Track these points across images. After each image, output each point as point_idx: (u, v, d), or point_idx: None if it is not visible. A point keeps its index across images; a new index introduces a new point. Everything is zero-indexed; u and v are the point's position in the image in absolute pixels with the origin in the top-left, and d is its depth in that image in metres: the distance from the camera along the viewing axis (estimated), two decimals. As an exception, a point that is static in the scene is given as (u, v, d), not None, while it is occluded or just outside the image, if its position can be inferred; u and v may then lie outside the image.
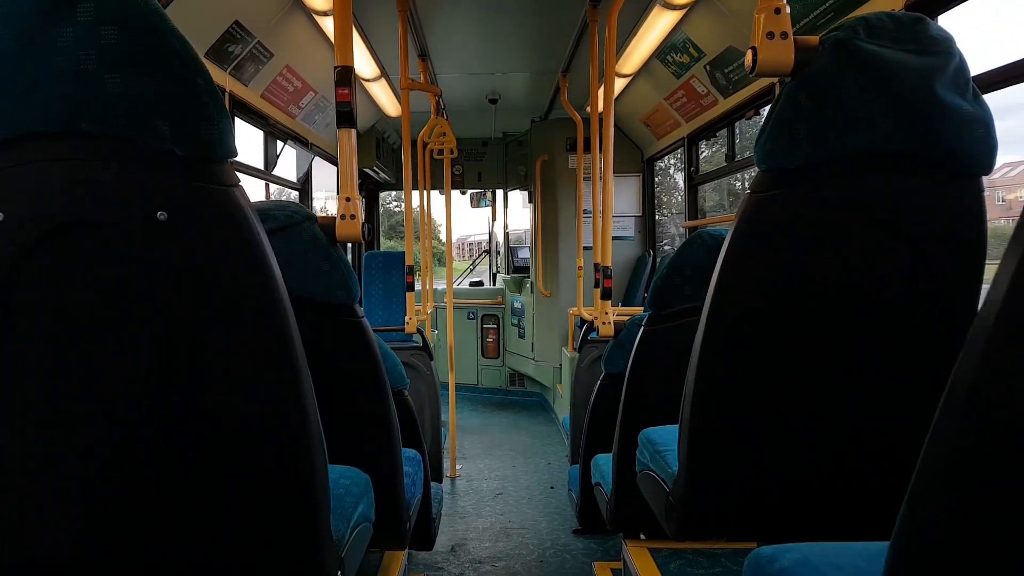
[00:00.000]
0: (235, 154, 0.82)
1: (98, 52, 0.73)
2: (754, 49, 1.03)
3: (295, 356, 0.89)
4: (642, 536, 2.18)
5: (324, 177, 4.84)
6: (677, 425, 1.27)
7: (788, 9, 1.05)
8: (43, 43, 0.73)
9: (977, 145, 1.02)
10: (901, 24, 1.01)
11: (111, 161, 0.77)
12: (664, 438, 1.54)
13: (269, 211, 1.39)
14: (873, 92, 0.99)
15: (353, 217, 1.57)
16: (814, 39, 1.01)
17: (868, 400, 1.13)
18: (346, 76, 1.68)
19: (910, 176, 1.03)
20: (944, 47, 1.00)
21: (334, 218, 1.51)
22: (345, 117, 1.69)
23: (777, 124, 1.02)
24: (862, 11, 2.20)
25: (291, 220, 1.40)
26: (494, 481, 4.01)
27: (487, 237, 8.43)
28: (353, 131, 1.72)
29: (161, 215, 0.78)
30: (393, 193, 6.83)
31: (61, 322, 0.82)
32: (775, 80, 2.77)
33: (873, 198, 1.04)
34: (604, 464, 2.18)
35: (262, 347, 0.87)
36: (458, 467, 4.24)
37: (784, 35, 1.02)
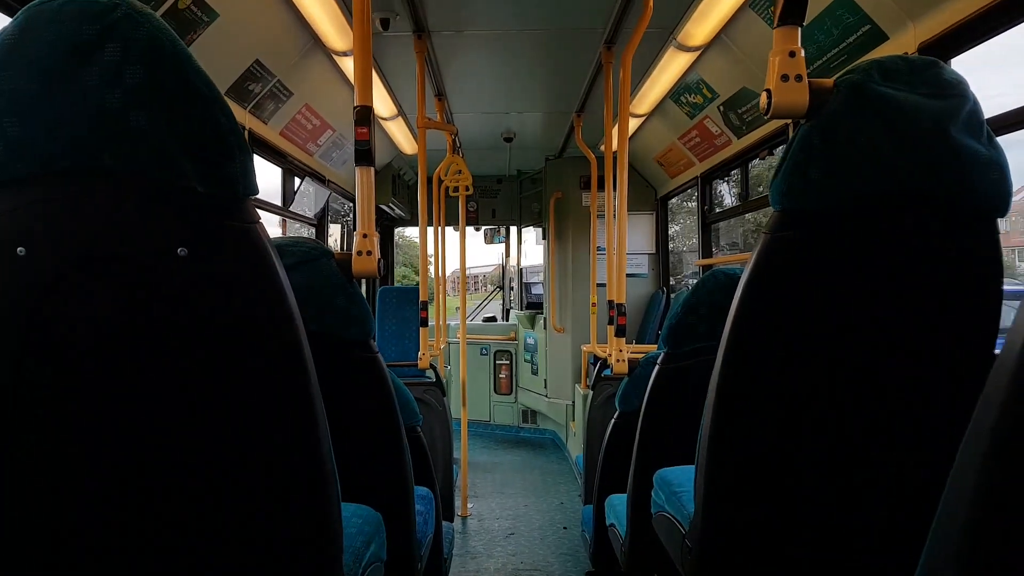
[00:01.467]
0: (256, 192, 0.84)
1: (123, 91, 0.74)
2: (769, 92, 1.05)
3: (312, 393, 0.89)
4: None
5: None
6: (693, 465, 1.25)
7: (803, 52, 1.06)
8: (69, 81, 0.74)
9: (992, 187, 1.01)
10: (915, 68, 1.02)
11: (133, 198, 0.78)
12: (680, 479, 1.51)
13: (287, 247, 1.41)
14: (887, 135, 1.00)
15: (370, 253, 1.59)
16: (828, 82, 1.02)
17: (894, 441, 1.11)
18: (365, 116, 1.72)
19: (925, 218, 1.03)
20: (958, 91, 1.01)
21: (351, 254, 1.52)
22: (363, 155, 1.71)
23: (791, 165, 1.03)
24: (875, 54, 2.22)
25: (308, 256, 1.41)
26: (506, 520, 3.94)
27: (492, 270, 8.45)
28: (371, 169, 1.74)
29: (182, 251, 0.79)
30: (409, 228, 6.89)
31: (80, 355, 0.83)
32: (788, 121, 2.79)
33: (888, 240, 1.03)
34: (619, 505, 2.14)
35: (280, 383, 0.87)
36: (469, 506, 4.18)
37: (799, 78, 1.03)
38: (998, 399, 0.45)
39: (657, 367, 1.87)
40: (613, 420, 2.38)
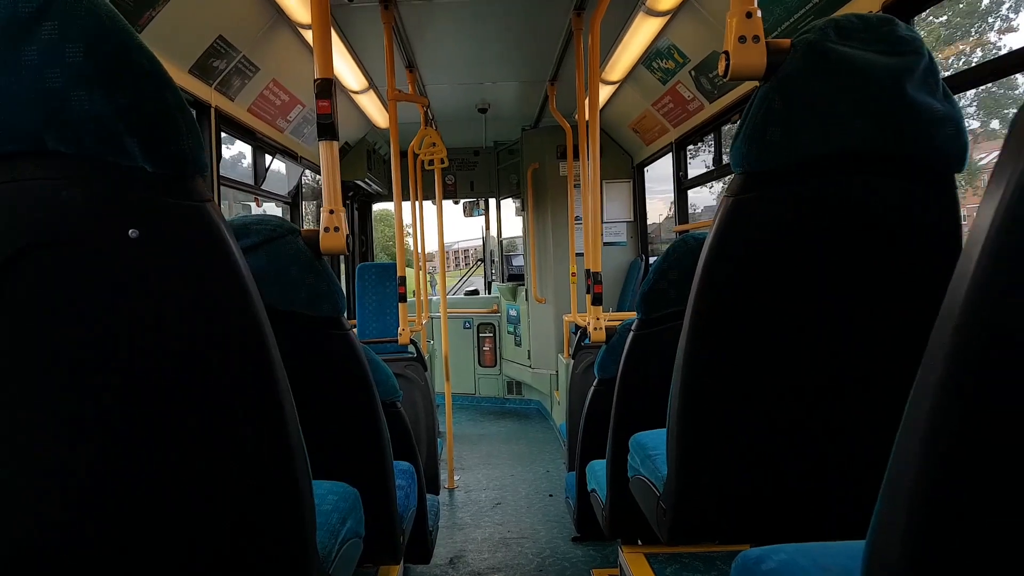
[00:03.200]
0: (207, 169, 0.82)
1: (64, 70, 0.72)
2: (727, 53, 1.04)
3: (274, 372, 0.88)
4: (639, 541, 2.17)
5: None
6: (666, 429, 1.27)
7: (759, 13, 1.06)
8: (7, 61, 0.72)
9: (949, 143, 1.02)
10: (870, 25, 1.02)
11: (80, 180, 0.76)
12: (654, 442, 1.54)
13: (251, 226, 1.39)
14: (844, 93, 1.00)
15: (337, 229, 1.57)
16: (785, 42, 1.02)
17: (853, 398, 1.13)
18: (326, 88, 1.69)
19: (883, 175, 1.04)
20: (913, 47, 1.01)
21: (318, 231, 1.51)
22: (326, 129, 1.69)
23: (751, 127, 1.03)
24: (842, 13, 2.22)
25: (273, 234, 1.40)
26: (492, 491, 4.00)
27: (477, 244, 8.44)
28: (335, 143, 1.72)
29: (132, 232, 0.78)
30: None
31: (33, 343, 0.82)
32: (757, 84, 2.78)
33: (847, 198, 1.04)
34: (599, 470, 2.18)
35: (239, 363, 0.86)
36: (456, 478, 4.23)
37: (756, 39, 1.03)
38: (941, 354, 0.47)
39: (631, 333, 1.89)
40: (592, 387, 2.41)
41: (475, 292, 7.90)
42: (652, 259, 5.37)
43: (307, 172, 4.49)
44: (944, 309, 0.47)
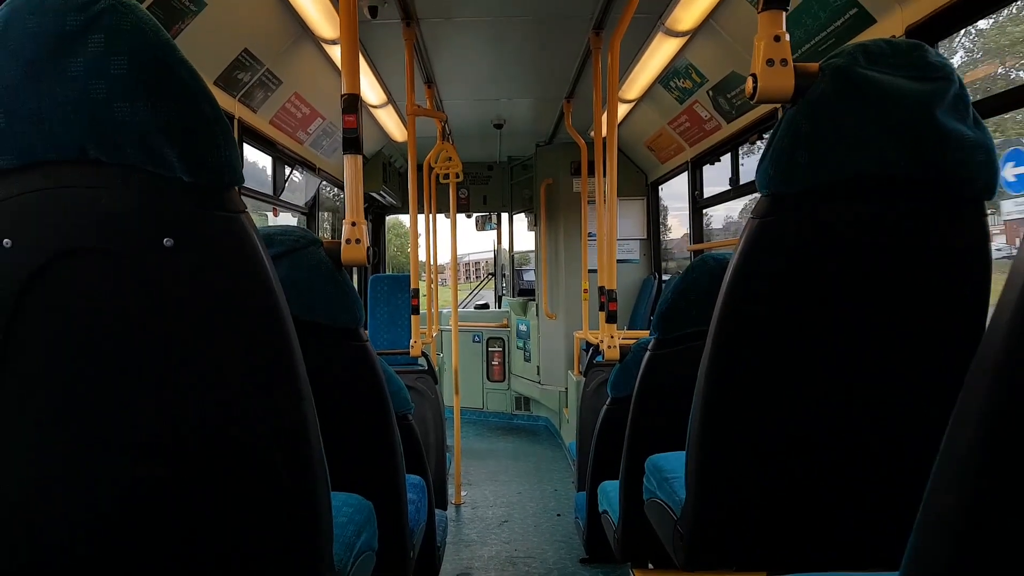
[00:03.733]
0: (242, 181, 0.83)
1: (107, 82, 0.74)
2: (754, 76, 1.04)
3: (299, 382, 0.89)
4: (650, 566, 2.14)
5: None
6: (684, 451, 1.26)
7: (788, 37, 1.06)
8: (53, 73, 0.74)
9: (979, 170, 1.02)
10: (899, 51, 1.02)
11: (118, 188, 0.77)
12: (672, 465, 1.52)
13: (275, 236, 1.40)
14: (873, 118, 1.00)
15: (359, 241, 1.58)
16: (814, 66, 1.02)
17: (881, 424, 1.12)
18: (352, 104, 1.71)
19: (912, 200, 1.03)
20: (943, 73, 1.01)
21: (339, 242, 1.52)
22: (351, 143, 1.70)
23: (778, 150, 1.03)
24: (863, 37, 2.22)
25: (297, 244, 1.41)
26: (500, 508, 3.96)
27: (488, 256, 8.44)
28: (359, 157, 1.73)
29: (168, 241, 0.79)
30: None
31: (66, 348, 0.82)
32: (777, 106, 2.79)
33: (874, 222, 1.04)
34: (611, 491, 2.16)
35: (266, 373, 0.87)
36: (463, 493, 4.20)
37: (784, 62, 1.03)
38: (984, 383, 0.46)
39: (648, 353, 1.88)
40: (605, 406, 2.39)
41: (485, 306, 7.90)
42: (666, 277, 5.36)
43: (323, 183, 4.53)
44: (989, 334, 0.46)
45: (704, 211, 4.47)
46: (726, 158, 3.92)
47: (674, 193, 5.32)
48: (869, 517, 1.16)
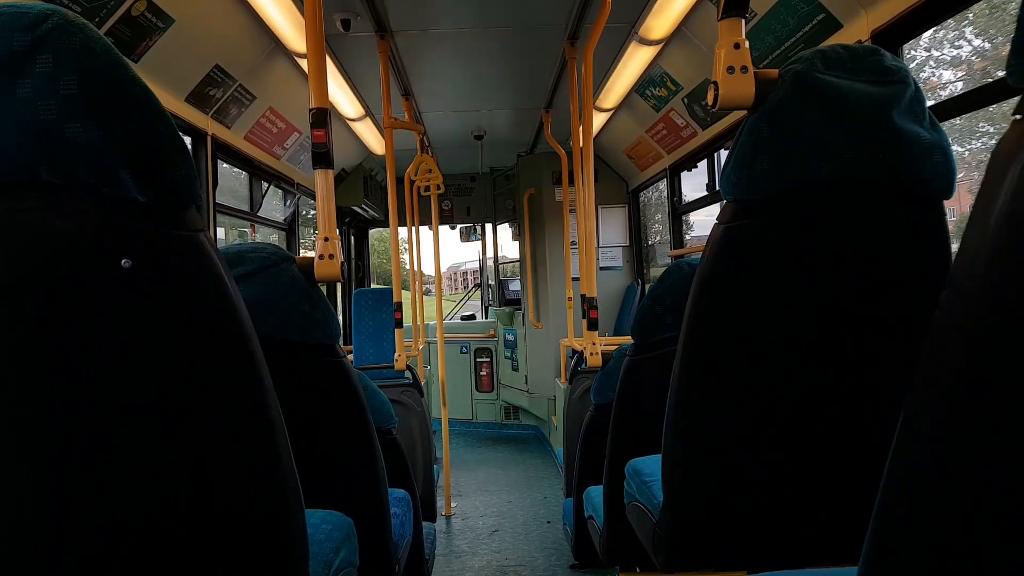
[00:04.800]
0: (200, 200, 0.83)
1: (58, 102, 0.72)
2: (715, 84, 1.06)
3: (267, 402, 0.88)
4: (637, 569, 2.14)
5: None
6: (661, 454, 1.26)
7: (747, 44, 1.08)
8: (2, 95, 0.72)
9: (936, 171, 1.04)
10: (856, 56, 1.04)
11: (72, 211, 0.76)
12: (650, 468, 1.52)
13: (246, 253, 1.39)
14: (832, 122, 1.01)
15: (332, 257, 1.58)
16: (773, 72, 1.03)
17: (847, 423, 1.13)
18: (322, 118, 1.70)
19: (872, 203, 1.05)
20: (899, 76, 1.03)
21: (312, 258, 1.51)
22: (321, 158, 1.69)
23: (740, 156, 1.04)
24: (830, 42, 2.26)
25: (268, 262, 1.40)
26: (490, 518, 3.95)
27: (475, 266, 8.44)
28: (330, 172, 1.73)
29: (125, 263, 0.78)
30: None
31: (24, 375, 0.81)
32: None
33: (836, 225, 1.05)
34: (596, 496, 2.16)
35: (231, 393, 0.86)
36: (453, 505, 4.18)
37: (744, 69, 1.05)
38: (938, 374, 0.46)
39: (627, 359, 1.89)
40: (588, 413, 2.40)
41: (472, 317, 7.89)
42: (650, 283, 5.39)
43: (303, 199, 4.51)
44: (936, 330, 0.47)
45: (685, 217, 4.50)
46: (703, 164, 3.95)
47: (662, 198, 5.36)
48: (843, 512, 1.17)
